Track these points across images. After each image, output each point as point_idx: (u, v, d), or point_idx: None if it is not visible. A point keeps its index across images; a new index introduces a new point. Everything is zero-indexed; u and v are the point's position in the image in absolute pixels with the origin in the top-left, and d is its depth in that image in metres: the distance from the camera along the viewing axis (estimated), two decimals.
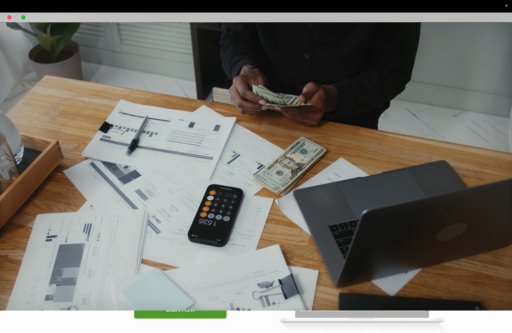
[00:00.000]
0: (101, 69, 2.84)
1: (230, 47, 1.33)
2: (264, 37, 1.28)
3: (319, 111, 1.13)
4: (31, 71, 2.65)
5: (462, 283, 0.90)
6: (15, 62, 2.56)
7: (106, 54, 2.78)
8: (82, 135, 1.17)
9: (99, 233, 0.97)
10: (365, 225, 0.69)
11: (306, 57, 1.26)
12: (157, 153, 1.13)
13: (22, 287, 0.89)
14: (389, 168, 1.10)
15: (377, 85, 1.23)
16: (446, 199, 0.72)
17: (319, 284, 0.90)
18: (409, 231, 0.77)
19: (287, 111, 1.12)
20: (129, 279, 0.89)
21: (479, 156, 1.12)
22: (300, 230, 0.99)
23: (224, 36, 1.38)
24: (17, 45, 2.52)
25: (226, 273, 0.90)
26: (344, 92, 1.20)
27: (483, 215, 0.80)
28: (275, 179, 1.06)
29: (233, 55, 1.29)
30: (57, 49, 2.42)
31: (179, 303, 0.85)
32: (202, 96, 2.56)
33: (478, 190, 0.73)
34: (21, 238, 0.97)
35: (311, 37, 1.21)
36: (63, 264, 0.92)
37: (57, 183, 1.07)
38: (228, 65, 1.31)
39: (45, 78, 1.33)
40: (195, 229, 0.97)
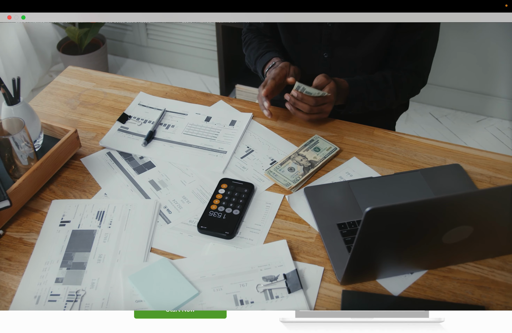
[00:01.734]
0: (127, 63, 2.88)
1: (254, 40, 1.34)
2: (284, 34, 1.29)
3: (330, 103, 1.13)
4: (59, 63, 2.71)
5: (468, 287, 0.90)
6: (44, 53, 2.61)
7: (133, 48, 2.83)
8: (101, 125, 1.20)
9: (111, 221, 0.99)
10: (368, 223, 0.70)
11: (325, 56, 1.27)
12: (173, 145, 1.15)
13: (34, 269, 0.91)
14: (401, 169, 1.10)
15: (391, 85, 1.23)
16: (451, 200, 0.72)
17: (324, 281, 0.91)
18: (413, 231, 0.77)
19: (302, 100, 1.09)
20: (137, 266, 0.91)
21: (494, 161, 1.11)
22: (308, 226, 0.99)
23: (246, 31, 1.39)
24: (46, 36, 2.58)
25: (232, 265, 0.92)
26: (356, 86, 1.19)
27: (490, 219, 0.80)
28: (286, 175, 1.06)
29: (258, 48, 1.30)
30: (84, 42, 2.47)
31: (184, 292, 0.87)
32: (225, 92, 2.57)
33: (485, 193, 0.73)
34: (36, 222, 1.00)
35: (330, 36, 1.22)
36: (75, 249, 0.94)
37: (74, 171, 1.09)
38: (253, 57, 1.31)
39: (69, 69, 1.36)
40: (204, 221, 0.98)
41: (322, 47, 1.25)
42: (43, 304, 0.86)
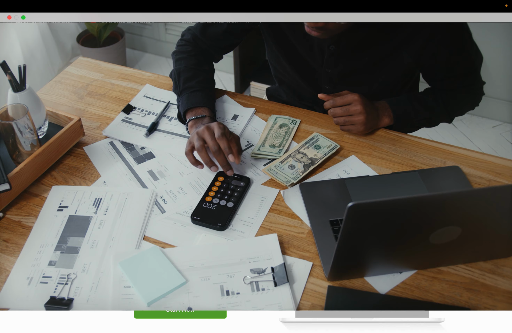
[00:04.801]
0: (145, 57, 2.92)
1: (191, 60, 1.20)
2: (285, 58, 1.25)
3: (358, 102, 1.08)
4: (78, 55, 2.75)
5: (457, 289, 0.89)
6: (64, 45, 2.67)
7: (151, 43, 2.86)
8: (105, 115, 1.22)
9: (107, 208, 1.01)
10: (350, 218, 0.70)
11: (327, 88, 1.26)
12: (174, 137, 1.17)
13: (29, 251, 0.94)
14: (400, 169, 1.09)
15: (439, 102, 1.18)
16: (436, 199, 0.72)
17: (311, 276, 0.91)
18: (398, 229, 0.77)
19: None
20: (128, 253, 0.93)
21: (495, 165, 1.10)
22: (301, 222, 1.00)
23: (185, 40, 1.24)
24: (67, 28, 2.63)
25: (221, 256, 0.93)
26: (399, 104, 1.15)
27: (479, 220, 0.79)
28: (287, 173, 1.07)
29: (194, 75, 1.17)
30: (103, 35, 2.51)
31: (172, 280, 0.88)
32: (240, 89, 2.59)
33: (471, 193, 0.73)
34: (35, 206, 1.02)
35: (331, 79, 1.22)
36: (70, 234, 0.97)
37: (76, 158, 1.12)
38: (182, 83, 1.17)
39: (79, 59, 1.39)
40: (198, 212, 1.00)
41: (323, 84, 1.24)
42: (34, 286, 0.88)
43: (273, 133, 1.16)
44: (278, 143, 1.14)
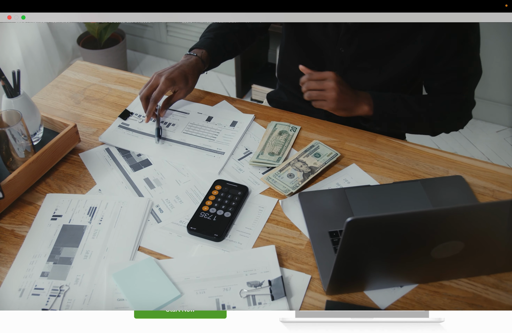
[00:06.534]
0: (146, 59, 2.90)
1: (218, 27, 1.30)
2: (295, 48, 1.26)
3: (332, 79, 1.06)
4: (78, 57, 2.74)
5: (459, 304, 0.87)
6: (64, 47, 2.65)
7: (152, 45, 2.84)
8: (102, 120, 1.20)
9: (102, 217, 0.99)
10: (349, 233, 0.68)
11: None
12: (171, 144, 1.15)
13: (22, 261, 0.92)
14: (401, 178, 1.07)
15: (423, 103, 1.17)
16: (439, 214, 0.69)
17: (310, 289, 0.89)
18: (399, 244, 0.75)
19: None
20: (122, 265, 0.91)
21: (499, 174, 1.08)
22: (299, 233, 0.98)
23: None
24: (67, 30, 2.61)
25: (217, 268, 0.91)
26: (380, 98, 1.14)
27: (482, 235, 0.77)
28: (286, 182, 1.04)
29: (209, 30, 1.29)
30: (104, 36, 2.49)
31: (167, 293, 0.86)
32: (241, 92, 2.57)
33: (474, 208, 0.70)
34: (29, 214, 1.00)
35: (342, 62, 1.20)
36: (63, 244, 0.95)
37: (71, 165, 1.10)
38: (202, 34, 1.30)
39: (77, 63, 1.37)
40: (194, 222, 0.98)
41: (334, 69, 1.22)
42: (26, 298, 0.86)
43: (272, 140, 1.14)
44: (277, 150, 1.12)
